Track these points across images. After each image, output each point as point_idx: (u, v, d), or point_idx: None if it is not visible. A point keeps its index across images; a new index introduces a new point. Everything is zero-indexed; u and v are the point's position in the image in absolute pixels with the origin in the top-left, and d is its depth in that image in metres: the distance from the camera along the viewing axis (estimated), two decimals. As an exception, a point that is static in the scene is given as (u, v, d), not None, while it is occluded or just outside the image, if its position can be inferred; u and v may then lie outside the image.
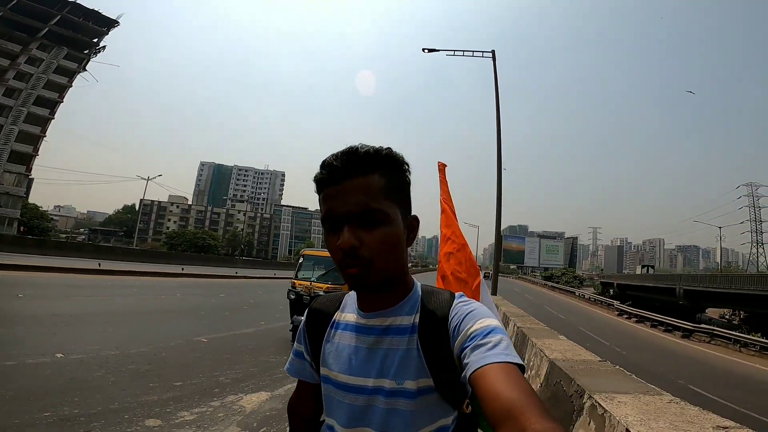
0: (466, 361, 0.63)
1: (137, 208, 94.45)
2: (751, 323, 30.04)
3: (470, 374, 0.59)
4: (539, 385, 2.94)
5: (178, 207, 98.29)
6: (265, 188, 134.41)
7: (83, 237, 75.63)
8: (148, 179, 44.30)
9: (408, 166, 0.75)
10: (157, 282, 17.65)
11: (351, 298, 0.84)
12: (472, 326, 0.67)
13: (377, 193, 0.69)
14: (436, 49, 14.96)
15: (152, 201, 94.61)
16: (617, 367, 2.66)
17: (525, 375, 0.59)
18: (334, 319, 0.82)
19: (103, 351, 5.82)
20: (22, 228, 42.17)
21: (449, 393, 0.70)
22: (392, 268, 0.71)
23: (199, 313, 10.59)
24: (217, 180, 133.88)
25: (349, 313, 0.81)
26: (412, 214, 0.78)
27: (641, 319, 27.54)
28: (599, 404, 1.75)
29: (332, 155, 0.71)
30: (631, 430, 1.45)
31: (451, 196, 2.84)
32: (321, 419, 0.84)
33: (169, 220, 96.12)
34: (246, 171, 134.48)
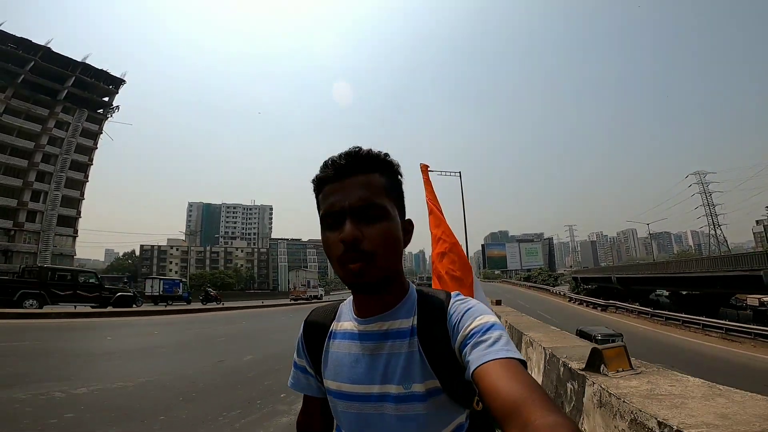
0: (467, 359, 0.62)
1: (137, 254, 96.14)
2: (672, 299, 38.36)
3: (472, 372, 0.59)
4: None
5: (177, 249, 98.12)
6: (254, 223, 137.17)
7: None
8: (187, 234, 51.85)
9: (402, 174, 0.77)
10: (240, 313, 23.98)
11: (346, 306, 0.83)
12: (471, 324, 0.66)
13: (378, 190, 0.70)
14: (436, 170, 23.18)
15: (152, 246, 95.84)
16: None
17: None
18: (331, 330, 0.81)
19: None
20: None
21: (457, 393, 0.69)
22: (391, 266, 0.71)
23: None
24: (207, 219, 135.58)
25: (345, 321, 0.80)
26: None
27: (580, 302, 38.12)
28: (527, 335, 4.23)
29: (335, 155, 0.72)
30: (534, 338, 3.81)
31: (436, 195, 2.94)
32: None
33: (170, 262, 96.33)
34: (234, 208, 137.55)
